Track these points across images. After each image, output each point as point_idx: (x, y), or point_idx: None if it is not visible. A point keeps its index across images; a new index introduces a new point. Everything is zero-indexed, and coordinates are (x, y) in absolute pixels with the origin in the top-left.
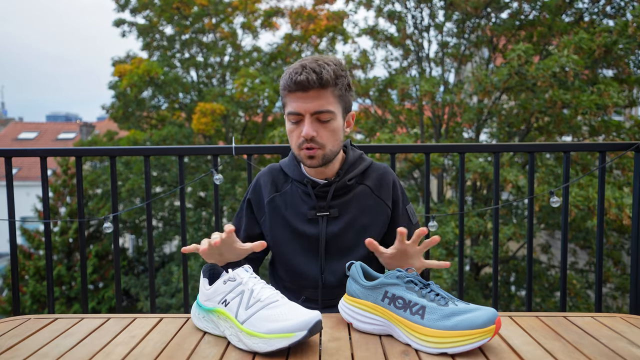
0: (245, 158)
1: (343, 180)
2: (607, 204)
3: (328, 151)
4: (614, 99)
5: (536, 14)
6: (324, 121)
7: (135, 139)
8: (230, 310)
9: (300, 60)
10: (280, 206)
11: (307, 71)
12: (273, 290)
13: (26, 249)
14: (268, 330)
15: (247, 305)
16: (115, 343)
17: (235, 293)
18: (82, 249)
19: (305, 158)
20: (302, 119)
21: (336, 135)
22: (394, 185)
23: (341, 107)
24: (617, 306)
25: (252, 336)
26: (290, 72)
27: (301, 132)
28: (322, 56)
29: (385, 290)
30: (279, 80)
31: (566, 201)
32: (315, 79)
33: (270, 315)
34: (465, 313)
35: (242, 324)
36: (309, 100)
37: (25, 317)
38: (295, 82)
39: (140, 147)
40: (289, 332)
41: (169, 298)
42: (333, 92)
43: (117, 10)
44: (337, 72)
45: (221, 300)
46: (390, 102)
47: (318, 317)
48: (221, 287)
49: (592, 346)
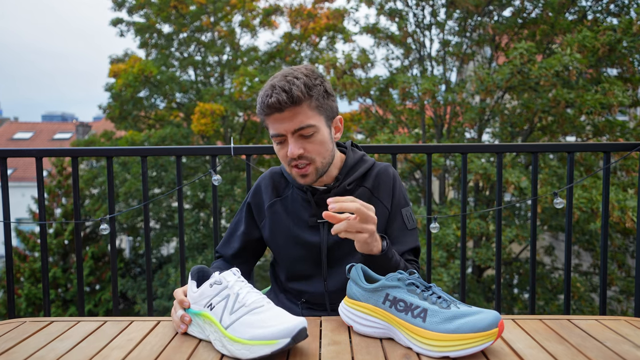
0: (244, 158)
1: (342, 185)
2: (610, 206)
3: (319, 164)
4: (619, 97)
5: (539, 12)
6: (307, 136)
7: (133, 139)
8: (215, 314)
9: (271, 79)
10: (280, 212)
11: (276, 92)
12: (259, 295)
13: (21, 250)
14: (251, 336)
15: (231, 309)
16: (111, 346)
17: (221, 297)
18: (78, 250)
19: (298, 177)
20: (286, 139)
21: (324, 146)
22: (394, 184)
23: (323, 117)
24: (622, 309)
25: (234, 342)
26: (262, 95)
27: (287, 152)
28: (292, 69)
29: (386, 292)
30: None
31: (570, 202)
32: (286, 98)
33: (254, 321)
34: (468, 316)
35: (226, 329)
36: (287, 120)
37: (21, 320)
38: (267, 105)
39: (137, 148)
40: (271, 339)
41: (166, 301)
42: (309, 105)
43: (113, 9)
44: (308, 83)
45: (207, 303)
46: (391, 102)
47: (302, 325)
48: (207, 290)
49: (596, 349)
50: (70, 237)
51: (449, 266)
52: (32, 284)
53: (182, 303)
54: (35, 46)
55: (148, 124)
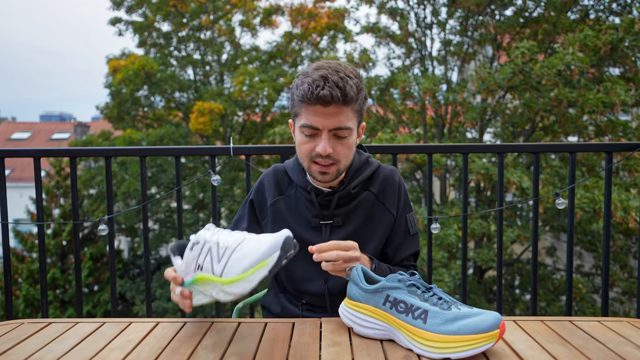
0: (243, 159)
1: (347, 188)
2: (612, 206)
3: (342, 166)
4: (621, 97)
5: (541, 11)
6: (341, 137)
7: (130, 138)
8: (206, 271)
9: (317, 67)
10: (283, 210)
11: (329, 85)
12: (238, 233)
13: (19, 251)
14: (244, 268)
15: (218, 258)
16: (110, 348)
17: (204, 253)
18: (76, 251)
19: (317, 173)
20: (318, 134)
21: (351, 150)
22: (399, 190)
23: (357, 121)
24: (624, 311)
25: (233, 283)
26: (309, 82)
27: (315, 147)
28: (340, 65)
29: (386, 294)
30: (279, 79)
31: (572, 203)
32: (340, 95)
33: (241, 256)
34: (469, 317)
35: (220, 276)
36: (329, 116)
37: (19, 321)
38: (317, 96)
39: (136, 148)
40: (263, 260)
41: (165, 302)
42: (353, 108)
43: (112, 8)
44: (359, 85)
45: (195, 267)
46: (392, 102)
47: (286, 234)
48: (190, 254)
49: (598, 351)
50: (68, 238)
51: (450, 267)
52: (30, 285)
53: (176, 280)
54: (33, 45)
55: (146, 124)
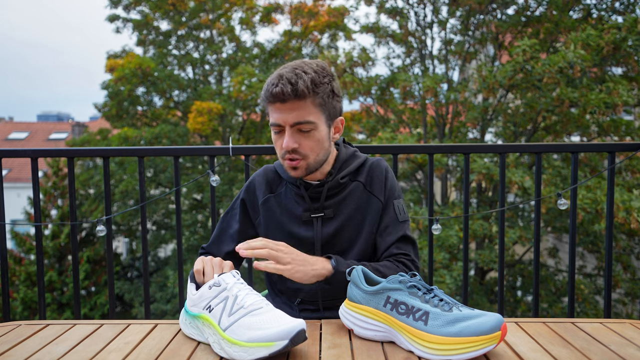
0: (242, 159)
1: (336, 179)
2: (615, 207)
3: (312, 161)
4: (623, 97)
5: (543, 10)
6: (305, 131)
7: (127, 135)
8: (214, 316)
9: (281, 68)
10: (274, 208)
11: (282, 82)
12: (258, 296)
13: (17, 253)
14: (249, 338)
15: (230, 311)
16: (108, 350)
17: (220, 299)
18: (74, 253)
19: (289, 169)
20: (284, 130)
21: (320, 144)
22: (386, 177)
23: (324, 115)
24: (627, 312)
25: (232, 344)
26: (268, 82)
27: (282, 144)
28: (304, 62)
29: (387, 295)
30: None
31: (574, 203)
32: (290, 90)
33: (253, 323)
34: (470, 319)
35: (224, 331)
36: (287, 112)
37: (17, 323)
38: (271, 94)
39: (134, 148)
40: (269, 341)
41: (164, 304)
42: (313, 102)
43: (109, 6)
44: (316, 80)
45: (206, 306)
46: (392, 101)
47: (301, 326)
48: (206, 292)
49: (600, 353)
50: (66, 240)
51: (451, 268)
52: (27, 287)
53: (200, 273)
54: (29, 42)
55: (144, 122)
